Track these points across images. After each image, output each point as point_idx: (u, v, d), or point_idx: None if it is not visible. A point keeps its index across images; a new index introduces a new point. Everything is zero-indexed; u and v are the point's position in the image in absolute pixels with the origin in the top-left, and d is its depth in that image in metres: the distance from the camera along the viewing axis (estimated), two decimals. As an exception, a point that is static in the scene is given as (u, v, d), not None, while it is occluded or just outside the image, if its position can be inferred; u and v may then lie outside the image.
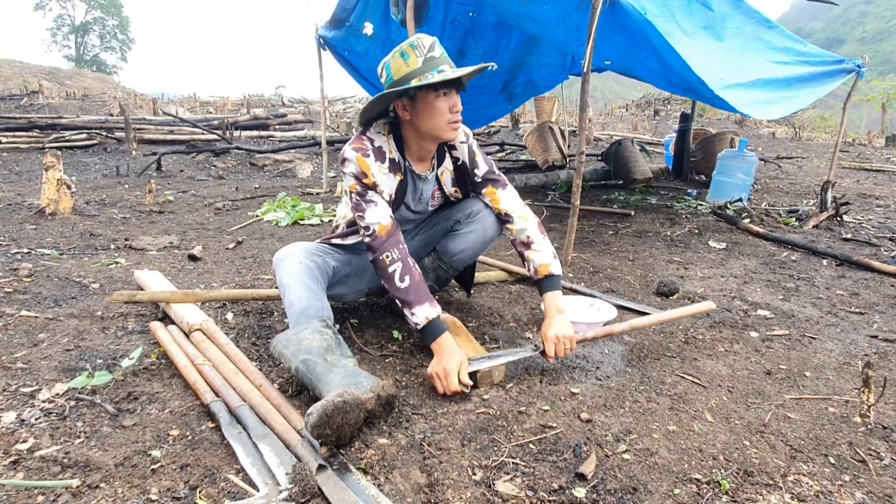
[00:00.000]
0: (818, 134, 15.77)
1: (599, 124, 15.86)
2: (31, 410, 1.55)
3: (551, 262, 1.98)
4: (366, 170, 1.83)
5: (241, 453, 1.38)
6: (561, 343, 1.84)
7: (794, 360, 2.11)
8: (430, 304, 1.78)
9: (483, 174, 2.08)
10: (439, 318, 1.77)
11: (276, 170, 7.55)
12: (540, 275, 1.97)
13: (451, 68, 1.77)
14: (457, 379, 1.67)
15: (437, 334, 1.75)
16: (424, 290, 1.79)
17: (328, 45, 5.64)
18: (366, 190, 1.84)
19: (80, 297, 2.43)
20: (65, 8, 45.89)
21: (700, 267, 3.33)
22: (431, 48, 1.76)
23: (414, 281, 1.78)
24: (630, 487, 1.33)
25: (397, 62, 1.77)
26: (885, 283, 3.13)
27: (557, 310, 1.92)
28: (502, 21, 5.24)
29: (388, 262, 1.79)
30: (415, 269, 1.82)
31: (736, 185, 5.32)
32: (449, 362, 1.69)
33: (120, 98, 15.92)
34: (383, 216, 1.83)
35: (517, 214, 2.05)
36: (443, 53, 1.78)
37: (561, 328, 1.86)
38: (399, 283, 1.77)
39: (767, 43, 4.13)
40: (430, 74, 1.73)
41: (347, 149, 1.86)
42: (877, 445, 1.56)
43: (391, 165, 1.90)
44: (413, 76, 1.74)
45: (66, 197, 4.07)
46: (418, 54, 1.75)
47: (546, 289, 1.97)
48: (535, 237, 2.02)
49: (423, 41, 1.76)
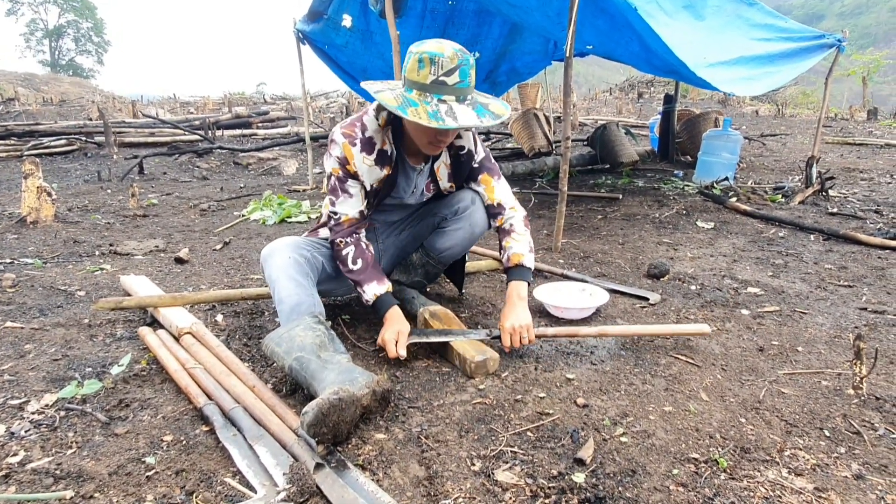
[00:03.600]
0: (801, 110, 15.89)
1: (584, 109, 15.86)
2: (21, 423, 1.52)
3: (525, 254, 1.99)
4: (349, 157, 1.84)
5: (237, 456, 1.37)
6: (517, 333, 1.85)
7: (785, 335, 2.12)
8: (378, 282, 1.90)
9: (480, 160, 2.07)
10: (387, 294, 1.90)
11: (261, 168, 7.47)
12: (511, 263, 1.99)
13: (455, 102, 1.68)
14: (394, 347, 1.79)
15: (386, 308, 1.89)
16: (376, 271, 1.92)
17: (307, 40, 5.56)
18: (346, 177, 1.87)
19: (66, 306, 2.39)
20: (37, 12, 44.98)
21: (689, 247, 3.35)
22: (450, 72, 1.66)
23: (366, 263, 1.90)
24: (629, 470, 1.34)
25: (414, 64, 1.68)
26: (871, 255, 3.16)
27: (518, 297, 1.93)
28: (483, 8, 5.19)
29: (342, 246, 1.91)
30: (367, 252, 1.92)
31: (721, 164, 5.35)
32: (388, 331, 1.83)
33: (98, 102, 15.66)
34: (353, 209, 1.91)
35: (508, 206, 2.07)
36: (458, 82, 1.67)
37: (518, 318, 1.87)
38: (352, 266, 1.90)
39: (748, 20, 4.14)
40: (427, 99, 1.67)
41: (338, 131, 1.86)
42: (870, 416, 1.58)
43: (379, 157, 1.88)
44: (414, 87, 1.69)
45: (48, 204, 4.00)
46: (432, 71, 1.66)
47: (513, 277, 1.98)
48: (517, 228, 2.04)
49: (448, 60, 1.65)
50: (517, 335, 1.85)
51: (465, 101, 1.71)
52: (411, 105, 1.66)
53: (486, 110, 1.73)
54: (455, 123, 1.65)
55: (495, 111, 1.75)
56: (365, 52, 5.58)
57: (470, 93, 1.74)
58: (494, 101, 1.82)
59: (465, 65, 1.69)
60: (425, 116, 1.63)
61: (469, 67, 1.70)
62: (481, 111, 1.72)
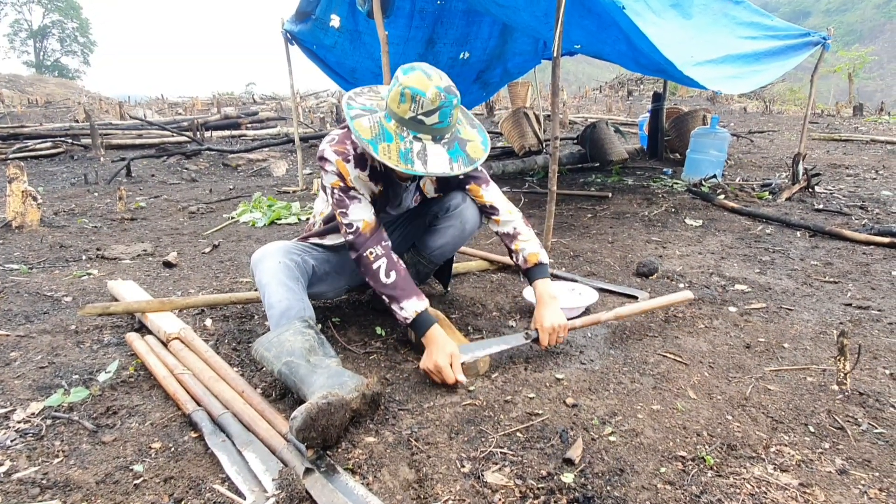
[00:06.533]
0: (788, 107, 16.04)
1: (574, 107, 15.91)
2: (6, 432, 1.51)
3: (539, 251, 2.01)
4: (345, 173, 1.80)
5: (226, 462, 1.36)
6: (555, 332, 1.87)
7: (772, 332, 2.14)
8: (418, 297, 1.77)
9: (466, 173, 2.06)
10: (427, 311, 1.77)
11: (251, 169, 7.43)
12: (529, 263, 1.99)
13: (430, 142, 1.67)
14: (451, 372, 1.67)
15: (427, 327, 1.75)
16: (411, 284, 1.79)
17: (296, 40, 5.53)
18: (349, 187, 1.82)
19: (53, 312, 2.37)
20: (21, 12, 44.42)
21: (678, 245, 3.37)
22: (429, 113, 1.64)
23: (400, 276, 1.78)
24: (617, 469, 1.35)
25: (396, 95, 1.65)
26: (856, 251, 3.20)
27: (551, 297, 1.94)
28: (471, 8, 5.19)
29: (373, 259, 1.78)
30: (399, 263, 1.82)
31: (710, 161, 5.39)
32: (439, 356, 1.69)
33: (85, 103, 15.48)
34: (367, 213, 1.82)
35: (503, 208, 2.06)
36: (437, 123, 1.66)
37: (555, 317, 1.88)
38: (385, 279, 1.76)
39: (734, 18, 4.17)
40: (402, 133, 1.66)
41: (328, 149, 1.81)
42: (854, 412, 1.60)
43: (372, 174, 1.87)
44: (394, 118, 1.67)
45: (33, 209, 3.95)
46: (412, 108, 1.63)
47: (536, 276, 1.98)
48: (521, 229, 2.04)
49: (429, 101, 1.62)
50: (556, 334, 1.86)
51: (443, 140, 1.70)
52: (385, 139, 1.65)
53: (461, 152, 1.72)
54: (423, 170, 1.64)
55: (471, 154, 1.74)
56: (354, 53, 5.56)
57: (449, 131, 1.72)
58: (476, 137, 1.80)
59: (447, 106, 1.66)
60: (395, 156, 1.63)
61: (451, 108, 1.68)
62: (455, 154, 1.70)
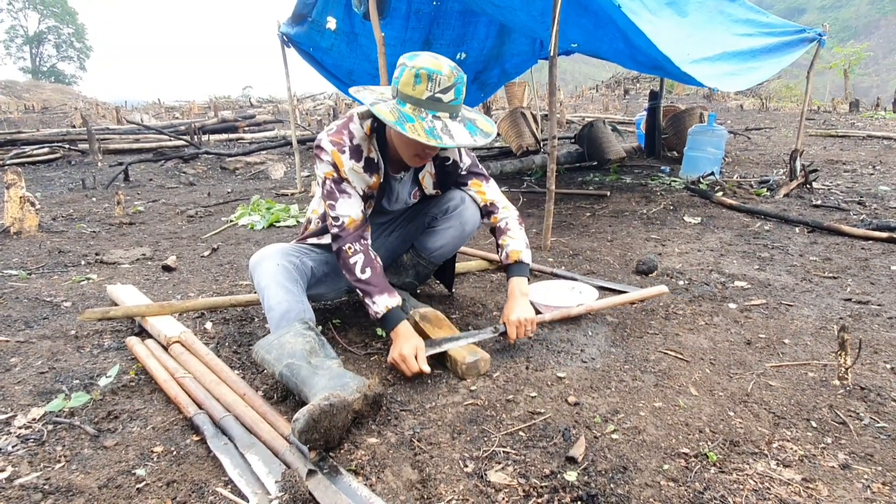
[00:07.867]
0: (785, 103, 16.06)
1: (571, 107, 15.93)
2: (8, 438, 1.50)
3: (523, 250, 2.03)
4: (339, 164, 1.82)
5: (229, 465, 1.36)
6: (522, 326, 1.90)
7: (772, 328, 2.15)
8: (390, 294, 1.82)
9: (467, 167, 2.10)
10: (398, 308, 1.82)
11: (248, 172, 7.42)
12: (510, 259, 2.02)
13: (448, 119, 1.70)
14: (414, 362, 1.72)
15: (396, 322, 1.80)
16: (385, 282, 1.84)
17: (292, 43, 5.53)
18: (342, 179, 1.84)
19: (52, 317, 2.36)
20: (16, 18, 44.37)
21: (677, 243, 3.37)
22: (446, 90, 1.67)
23: (375, 273, 1.82)
24: (620, 467, 1.35)
25: (410, 78, 1.66)
26: (855, 246, 3.20)
27: (521, 293, 1.98)
28: (468, 8, 5.19)
29: (351, 254, 1.82)
30: (376, 261, 1.86)
31: (707, 159, 5.39)
32: (404, 347, 1.75)
33: (81, 108, 15.47)
34: (355, 209, 1.84)
35: (501, 205, 2.10)
36: (453, 99, 1.70)
37: (522, 311, 1.92)
38: (360, 274, 1.81)
39: (730, 16, 4.18)
40: (421, 114, 1.67)
41: (325, 138, 1.83)
42: (856, 406, 1.60)
43: (367, 165, 1.87)
44: (408, 101, 1.68)
45: (31, 214, 3.95)
46: (429, 88, 1.65)
47: (513, 273, 2.02)
48: (513, 226, 2.07)
49: (445, 78, 1.66)
50: (522, 327, 1.90)
51: (457, 118, 1.74)
52: (408, 121, 1.66)
53: (475, 127, 1.77)
54: (452, 142, 1.67)
55: (483, 129, 1.79)
56: (351, 55, 5.56)
57: (461, 109, 1.77)
58: (480, 116, 1.86)
59: (460, 83, 1.72)
60: (423, 133, 1.64)
61: (463, 85, 1.73)
62: (472, 129, 1.75)
